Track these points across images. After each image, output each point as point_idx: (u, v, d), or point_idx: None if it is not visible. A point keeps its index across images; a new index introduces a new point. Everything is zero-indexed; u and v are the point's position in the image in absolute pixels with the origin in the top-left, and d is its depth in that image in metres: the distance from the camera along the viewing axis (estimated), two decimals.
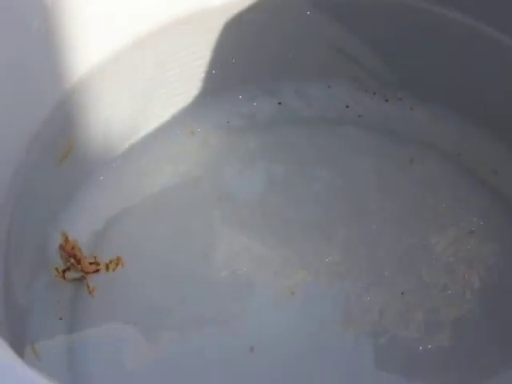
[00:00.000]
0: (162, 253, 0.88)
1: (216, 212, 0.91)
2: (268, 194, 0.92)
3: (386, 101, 0.96)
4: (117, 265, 0.85)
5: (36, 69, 0.79)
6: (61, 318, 0.84)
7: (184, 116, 0.96)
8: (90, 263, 0.84)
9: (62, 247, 0.83)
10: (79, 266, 0.84)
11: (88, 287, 0.85)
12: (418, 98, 0.95)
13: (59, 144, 0.85)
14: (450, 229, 0.89)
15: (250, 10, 0.88)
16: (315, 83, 0.96)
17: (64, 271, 0.84)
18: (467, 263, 0.87)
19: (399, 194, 0.92)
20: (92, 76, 0.85)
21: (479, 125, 0.94)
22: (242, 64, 0.94)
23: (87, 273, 0.84)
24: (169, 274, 0.87)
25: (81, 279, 0.86)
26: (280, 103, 0.96)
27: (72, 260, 0.83)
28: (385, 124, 0.96)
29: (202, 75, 0.94)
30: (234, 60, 0.92)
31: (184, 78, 0.93)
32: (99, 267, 0.84)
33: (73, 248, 0.83)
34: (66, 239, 0.83)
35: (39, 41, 0.77)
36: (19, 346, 0.79)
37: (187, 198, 0.92)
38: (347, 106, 0.96)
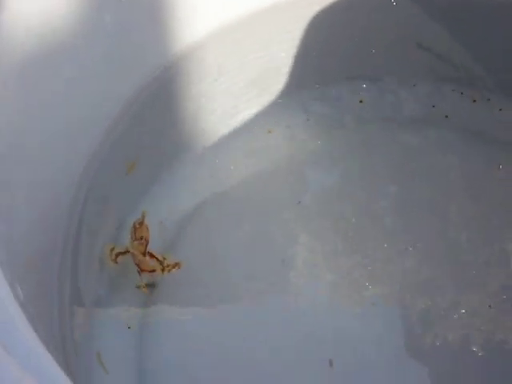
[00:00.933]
0: (236, 258, 0.84)
1: (294, 216, 0.86)
2: (349, 196, 0.87)
3: (474, 101, 0.90)
4: (174, 267, 0.80)
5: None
6: (129, 327, 0.80)
7: (263, 111, 0.90)
8: (151, 256, 0.79)
9: (135, 225, 0.79)
10: (139, 258, 0.78)
11: (141, 284, 0.80)
12: (507, 99, 0.89)
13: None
14: None
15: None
16: (399, 81, 0.90)
17: (118, 254, 0.79)
18: None
19: (485, 199, 0.87)
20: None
21: None
22: (324, 58, 0.88)
23: (143, 270, 0.79)
24: (245, 282, 0.82)
25: (150, 286, 0.81)
26: (361, 101, 0.90)
27: (136, 245, 0.78)
28: (472, 125, 0.90)
29: (285, 68, 0.88)
30: (315, 53, 0.87)
31: (267, 69, 0.87)
32: (155, 268, 0.79)
33: (143, 237, 0.78)
34: (143, 221, 0.79)
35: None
36: (86, 357, 0.75)
37: (264, 200, 0.87)
38: (433, 106, 0.90)
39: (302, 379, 0.78)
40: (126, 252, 0.79)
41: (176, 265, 0.81)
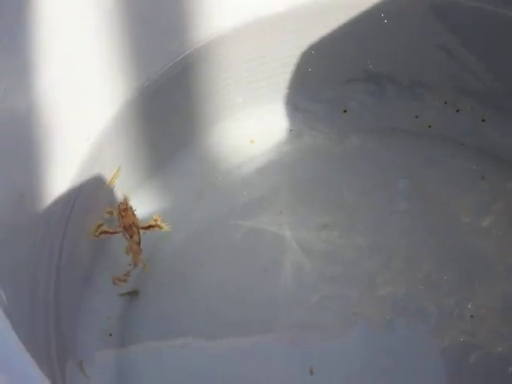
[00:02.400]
0: (220, 266, 0.85)
1: (276, 224, 0.86)
2: (335, 209, 0.87)
3: (458, 111, 0.90)
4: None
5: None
6: (111, 335, 0.80)
7: (249, 119, 0.90)
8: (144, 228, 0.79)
9: (120, 213, 0.78)
10: (134, 246, 0.78)
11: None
12: (490, 109, 0.89)
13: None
14: None
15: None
16: (384, 90, 0.90)
17: (104, 232, 0.78)
18: None
19: (468, 210, 0.87)
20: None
21: None
22: (319, 64, 0.88)
23: (136, 252, 0.79)
24: (227, 289, 0.83)
25: (132, 294, 0.81)
26: (346, 111, 0.90)
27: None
28: (456, 136, 0.90)
29: (283, 75, 0.89)
30: (310, 69, 0.87)
31: (265, 74, 0.88)
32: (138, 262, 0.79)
33: (131, 224, 0.78)
34: (126, 206, 0.78)
35: None
36: (67, 363, 0.75)
37: (248, 207, 0.87)
38: (416, 116, 0.90)
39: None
40: (115, 232, 0.78)
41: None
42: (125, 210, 0.78)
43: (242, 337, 0.81)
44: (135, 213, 0.79)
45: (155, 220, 0.79)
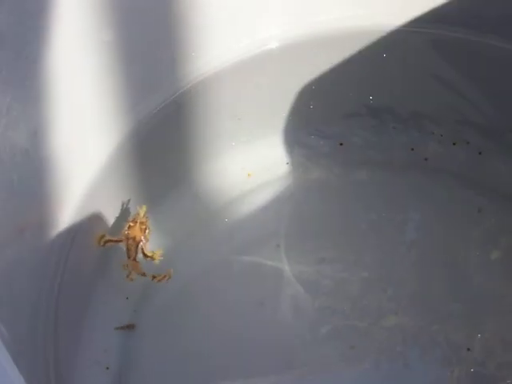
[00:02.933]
0: (217, 300, 0.85)
1: (272, 259, 0.87)
2: (335, 242, 0.88)
3: (454, 144, 0.90)
4: (164, 277, 0.81)
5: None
6: (108, 368, 0.80)
7: (244, 153, 0.90)
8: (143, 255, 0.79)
9: (129, 222, 0.79)
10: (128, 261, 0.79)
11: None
12: (487, 142, 0.90)
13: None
14: None
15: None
16: (383, 123, 0.90)
17: (108, 241, 0.79)
18: None
19: (463, 243, 0.88)
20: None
21: None
22: (320, 100, 0.89)
23: (133, 266, 0.79)
24: (224, 324, 0.83)
25: (128, 327, 0.81)
26: (342, 144, 0.91)
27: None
28: (452, 169, 0.90)
29: (280, 109, 0.89)
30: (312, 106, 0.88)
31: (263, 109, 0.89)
32: (145, 274, 0.80)
33: (135, 238, 0.78)
34: (136, 219, 0.78)
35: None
36: None
37: (246, 242, 0.88)
38: (412, 149, 0.90)
39: None
40: (118, 241, 0.79)
41: (166, 275, 0.81)
42: (135, 221, 0.79)
43: (236, 374, 0.81)
44: (148, 233, 0.79)
45: (155, 253, 0.80)
